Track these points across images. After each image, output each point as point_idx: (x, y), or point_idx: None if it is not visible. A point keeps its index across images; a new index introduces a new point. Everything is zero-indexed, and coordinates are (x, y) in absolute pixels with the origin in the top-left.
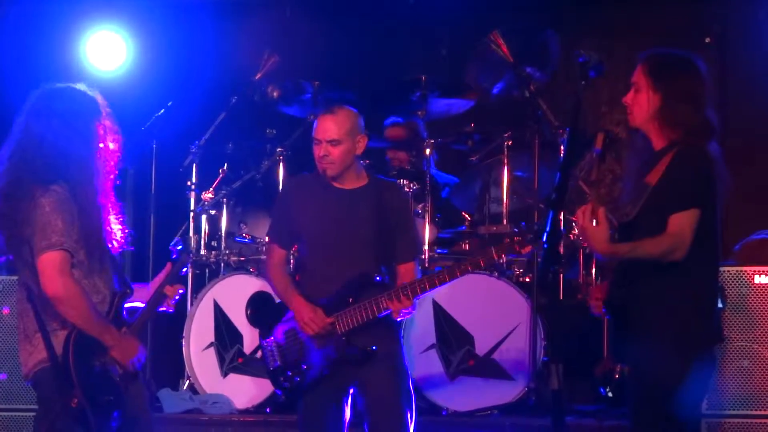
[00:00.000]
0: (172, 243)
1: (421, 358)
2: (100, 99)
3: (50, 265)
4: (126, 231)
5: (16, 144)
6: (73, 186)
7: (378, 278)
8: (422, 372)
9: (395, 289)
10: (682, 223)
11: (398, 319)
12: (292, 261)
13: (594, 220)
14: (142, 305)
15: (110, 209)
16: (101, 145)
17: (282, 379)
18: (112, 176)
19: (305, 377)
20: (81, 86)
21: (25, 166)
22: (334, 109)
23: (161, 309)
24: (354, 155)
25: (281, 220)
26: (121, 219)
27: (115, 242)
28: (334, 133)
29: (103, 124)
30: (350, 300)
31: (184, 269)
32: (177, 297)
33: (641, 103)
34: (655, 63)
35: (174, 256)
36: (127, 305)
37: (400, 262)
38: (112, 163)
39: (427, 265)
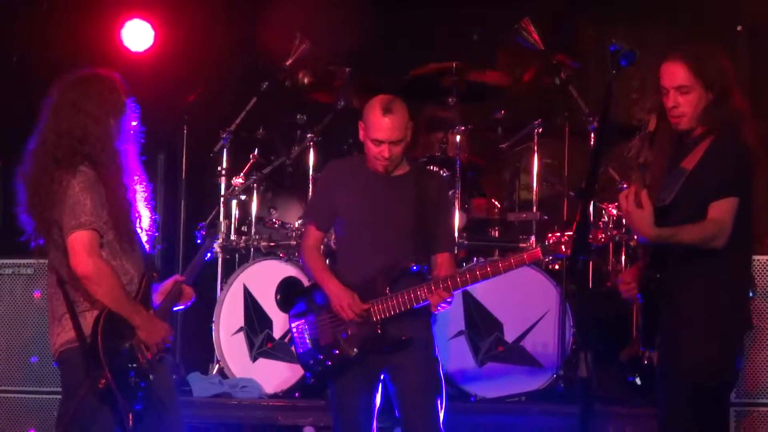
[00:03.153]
0: (198, 228)
1: (450, 344)
2: (115, 77)
3: (79, 244)
4: (154, 217)
5: (38, 135)
6: (97, 167)
7: (415, 268)
8: (451, 358)
9: (435, 281)
10: (723, 210)
11: (435, 312)
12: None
13: (637, 204)
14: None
15: (139, 191)
16: (119, 122)
17: (312, 362)
18: (136, 153)
19: (336, 362)
20: (98, 69)
21: (47, 156)
22: (392, 108)
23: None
24: (407, 146)
25: (321, 202)
26: (150, 204)
27: (142, 229)
28: (398, 134)
29: (120, 105)
30: (387, 289)
31: (209, 254)
32: (186, 305)
33: (693, 104)
34: (700, 61)
35: (198, 241)
36: None
37: (438, 251)
38: (134, 138)
39: (456, 251)
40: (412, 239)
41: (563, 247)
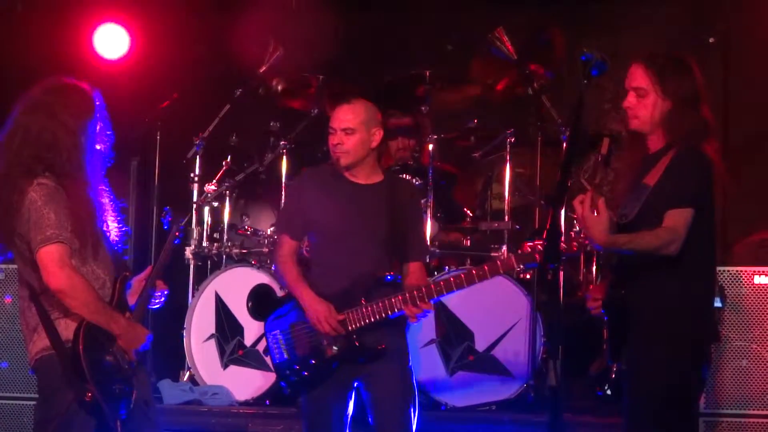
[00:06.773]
0: (162, 215)
1: (421, 353)
2: (96, 98)
3: (49, 259)
4: (122, 229)
5: (5, 137)
6: (60, 177)
7: (389, 278)
8: (422, 367)
9: (410, 291)
10: (678, 218)
11: (413, 323)
12: None
13: (594, 211)
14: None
15: (106, 207)
16: (89, 142)
17: (288, 372)
18: (103, 167)
19: (313, 372)
20: (82, 83)
21: (13, 159)
22: (351, 99)
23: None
24: (369, 148)
25: (293, 212)
26: (118, 218)
27: (111, 241)
28: (349, 121)
29: (95, 123)
30: (362, 299)
31: (176, 240)
32: (161, 297)
33: (647, 108)
34: (660, 67)
35: (165, 227)
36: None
37: (410, 260)
38: (100, 163)
39: (428, 260)
40: (385, 248)
41: (537, 255)
